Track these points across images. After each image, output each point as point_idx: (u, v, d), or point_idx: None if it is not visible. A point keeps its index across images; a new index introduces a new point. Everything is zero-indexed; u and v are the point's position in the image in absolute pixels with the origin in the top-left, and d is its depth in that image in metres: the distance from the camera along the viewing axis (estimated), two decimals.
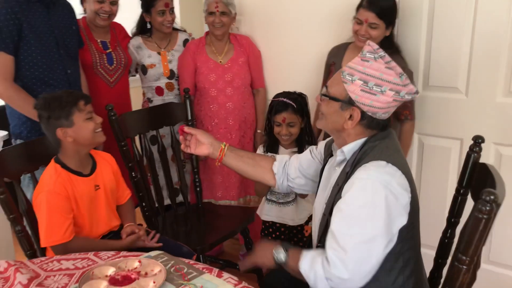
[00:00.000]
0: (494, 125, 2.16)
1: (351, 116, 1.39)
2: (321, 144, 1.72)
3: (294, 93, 2.23)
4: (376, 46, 1.37)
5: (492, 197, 1.06)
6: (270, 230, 2.41)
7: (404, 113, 2.23)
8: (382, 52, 1.36)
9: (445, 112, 2.28)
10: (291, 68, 2.73)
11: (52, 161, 1.83)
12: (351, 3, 2.22)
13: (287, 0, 2.65)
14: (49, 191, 1.72)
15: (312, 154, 1.73)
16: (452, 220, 1.60)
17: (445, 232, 1.63)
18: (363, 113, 1.38)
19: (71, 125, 1.76)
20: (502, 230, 2.22)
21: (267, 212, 2.37)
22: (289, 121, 2.17)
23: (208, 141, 1.71)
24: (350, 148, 1.43)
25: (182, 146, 1.73)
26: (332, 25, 2.44)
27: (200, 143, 1.71)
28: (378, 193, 1.28)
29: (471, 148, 1.53)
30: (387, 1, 2.12)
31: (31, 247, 1.83)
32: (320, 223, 1.50)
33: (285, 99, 2.17)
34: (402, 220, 1.33)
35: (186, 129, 1.71)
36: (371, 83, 1.34)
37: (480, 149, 1.53)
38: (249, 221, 2.43)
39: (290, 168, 1.75)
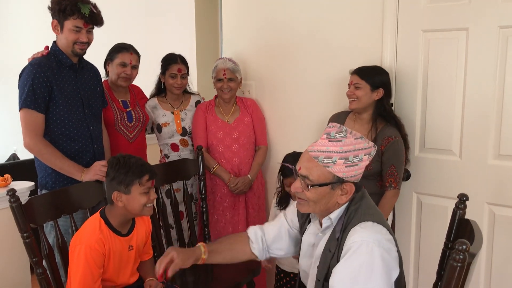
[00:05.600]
0: (487, 185, 2.28)
1: (342, 191, 1.50)
2: (292, 211, 1.78)
3: (298, 153, 2.39)
4: (338, 125, 1.49)
5: (464, 246, 1.18)
6: (285, 280, 2.51)
7: (389, 180, 2.30)
8: (345, 128, 1.49)
9: (441, 172, 2.40)
10: (294, 130, 2.92)
11: (98, 214, 1.93)
12: (347, 74, 2.44)
13: (292, 68, 2.87)
14: (89, 245, 1.81)
15: (289, 224, 1.78)
16: (442, 272, 1.70)
17: (435, 285, 1.72)
18: (354, 183, 1.50)
19: (128, 193, 1.85)
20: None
21: (283, 261, 2.50)
22: None
23: (186, 256, 1.65)
24: (336, 215, 1.54)
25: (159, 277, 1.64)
26: (332, 93, 2.64)
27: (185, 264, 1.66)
28: (374, 252, 1.39)
29: (457, 205, 1.67)
30: (370, 66, 2.36)
31: None
32: (314, 287, 1.57)
33: (289, 165, 2.32)
34: (396, 272, 1.45)
35: (161, 272, 1.62)
36: (351, 156, 1.46)
37: (465, 206, 1.66)
38: (255, 274, 2.52)
39: (269, 242, 1.78)
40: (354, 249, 1.41)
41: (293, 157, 2.36)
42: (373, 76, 2.31)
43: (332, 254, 1.50)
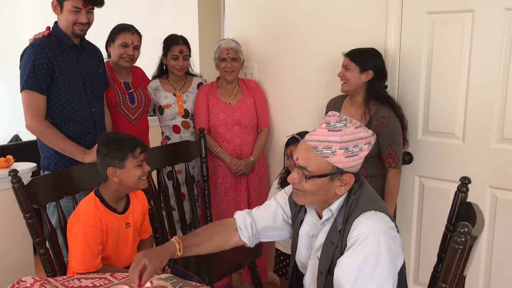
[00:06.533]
0: (490, 169, 2.27)
1: (341, 181, 1.45)
2: (283, 197, 1.73)
3: (307, 132, 2.40)
4: (338, 114, 1.44)
5: (466, 229, 1.18)
6: (284, 263, 2.53)
7: (387, 161, 2.31)
8: (345, 116, 1.44)
9: (444, 156, 2.40)
10: (296, 112, 2.91)
11: (92, 193, 1.94)
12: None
13: (295, 50, 2.85)
14: (86, 223, 1.82)
15: (283, 210, 1.72)
16: (443, 255, 1.71)
17: (436, 267, 1.73)
18: (354, 174, 1.46)
19: (122, 167, 1.87)
20: (502, 273, 2.31)
21: (283, 243, 2.51)
22: None
23: (158, 261, 1.53)
24: (336, 206, 1.49)
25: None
26: (334, 74, 2.60)
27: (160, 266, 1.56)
28: (380, 241, 1.38)
29: (459, 188, 1.66)
30: (362, 48, 2.38)
31: (53, 269, 1.95)
32: (317, 280, 1.54)
33: (295, 135, 2.35)
34: (401, 260, 1.44)
35: (138, 281, 1.47)
36: (351, 146, 1.41)
37: (467, 189, 1.66)
38: (257, 255, 2.54)
39: (259, 228, 1.73)
40: (361, 240, 1.39)
41: (300, 132, 2.41)
42: (363, 58, 2.32)
43: (335, 247, 1.47)
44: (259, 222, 1.73)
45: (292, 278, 1.76)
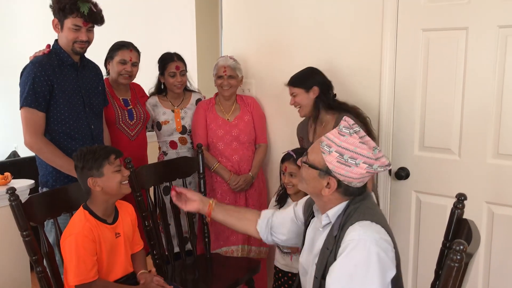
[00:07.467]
0: (486, 184, 2.28)
1: (328, 184, 1.51)
2: (301, 203, 1.83)
3: (303, 148, 2.41)
4: (351, 122, 1.50)
5: (461, 246, 1.18)
6: (283, 280, 2.53)
7: None
8: (357, 128, 1.49)
9: (440, 171, 2.40)
10: (294, 128, 2.87)
11: (81, 207, 1.98)
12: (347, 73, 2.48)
13: (292, 66, 2.82)
14: (78, 234, 1.86)
15: (295, 214, 1.83)
16: (440, 272, 1.71)
17: (433, 284, 1.73)
18: (339, 182, 1.50)
19: (101, 175, 1.92)
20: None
21: (281, 261, 2.53)
22: (290, 171, 2.35)
23: (198, 198, 1.93)
24: (334, 212, 1.54)
25: (174, 200, 1.95)
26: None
27: (191, 200, 1.93)
28: (371, 250, 1.40)
29: (455, 205, 1.67)
30: (299, 72, 2.48)
31: (50, 287, 1.95)
32: (313, 285, 1.58)
33: (290, 151, 2.37)
34: (392, 272, 1.45)
35: (177, 189, 1.93)
36: (346, 155, 1.46)
37: (463, 206, 1.67)
38: (254, 272, 2.53)
39: (274, 224, 1.87)
40: (351, 246, 1.41)
41: (295, 149, 2.44)
42: (303, 80, 2.43)
43: (329, 252, 1.50)
44: (276, 218, 1.87)
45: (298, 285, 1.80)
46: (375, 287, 1.39)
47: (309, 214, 1.74)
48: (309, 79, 2.42)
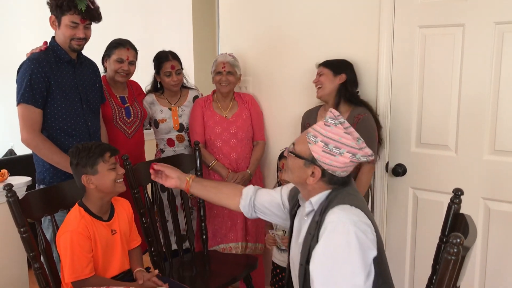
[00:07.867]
0: (482, 180, 2.29)
1: (313, 173, 1.54)
2: (286, 191, 1.85)
3: None
4: (337, 113, 1.54)
5: (458, 240, 1.19)
6: (281, 276, 2.54)
7: None
8: (342, 119, 1.54)
9: (437, 168, 2.42)
10: (291, 125, 2.91)
11: (76, 204, 1.98)
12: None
13: (289, 64, 2.88)
14: (73, 231, 1.87)
15: (281, 201, 1.85)
16: (437, 266, 1.72)
17: (430, 279, 1.74)
18: (323, 172, 1.53)
19: (95, 173, 1.92)
20: (496, 285, 2.32)
21: (279, 257, 2.54)
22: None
23: (176, 175, 1.95)
24: (317, 199, 1.58)
25: (153, 177, 1.97)
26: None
27: (169, 178, 1.96)
28: (350, 231, 1.43)
29: (452, 200, 1.68)
30: (335, 59, 2.52)
31: (48, 283, 1.95)
32: (299, 273, 1.60)
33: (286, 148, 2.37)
34: (373, 252, 1.47)
35: (155, 166, 1.95)
36: (331, 145, 1.51)
37: (460, 201, 1.68)
38: (252, 268, 2.54)
39: (257, 205, 1.89)
40: (330, 229, 1.45)
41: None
42: (335, 65, 2.47)
43: (311, 236, 1.53)
44: (259, 199, 1.89)
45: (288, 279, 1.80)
46: (357, 266, 1.41)
47: (294, 204, 1.76)
48: (340, 66, 2.46)
